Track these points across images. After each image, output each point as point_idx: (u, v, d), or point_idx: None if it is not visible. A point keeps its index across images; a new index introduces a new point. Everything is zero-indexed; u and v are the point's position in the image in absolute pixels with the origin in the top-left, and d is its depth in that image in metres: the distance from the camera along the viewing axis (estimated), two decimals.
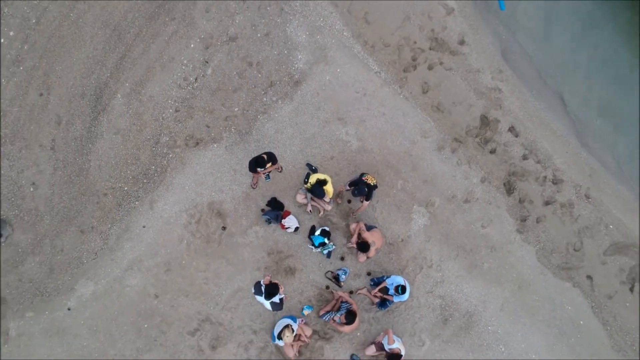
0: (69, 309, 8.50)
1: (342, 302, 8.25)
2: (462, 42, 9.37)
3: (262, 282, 7.88)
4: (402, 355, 7.55)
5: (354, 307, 8.09)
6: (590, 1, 9.58)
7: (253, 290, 8.10)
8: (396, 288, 7.99)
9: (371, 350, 8.03)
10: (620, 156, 9.66)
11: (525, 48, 9.70)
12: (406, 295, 8.09)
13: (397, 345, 7.61)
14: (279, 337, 7.84)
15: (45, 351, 8.42)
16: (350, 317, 7.96)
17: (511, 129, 9.23)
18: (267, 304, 8.02)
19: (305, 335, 8.17)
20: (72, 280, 8.57)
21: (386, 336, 7.81)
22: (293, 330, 7.85)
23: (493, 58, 9.50)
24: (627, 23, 9.71)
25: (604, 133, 9.68)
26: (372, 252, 8.18)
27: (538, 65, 9.72)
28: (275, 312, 8.32)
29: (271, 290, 7.69)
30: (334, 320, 8.08)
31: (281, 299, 8.10)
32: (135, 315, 8.48)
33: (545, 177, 9.18)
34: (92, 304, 8.50)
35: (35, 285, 8.59)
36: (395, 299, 8.14)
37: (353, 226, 8.36)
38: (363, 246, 8.01)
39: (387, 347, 7.68)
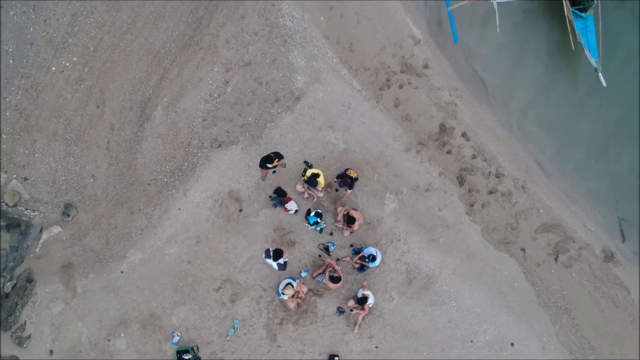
0: (121, 272, 11.09)
1: (331, 266, 10.85)
2: (426, 66, 11.90)
3: (270, 249, 10.47)
4: (368, 298, 10.17)
5: (339, 271, 10.68)
6: (525, 33, 12.13)
7: (264, 255, 10.66)
8: (368, 256, 10.57)
9: (351, 302, 10.62)
10: (551, 156, 12.20)
11: (476, 70, 12.21)
12: (377, 263, 10.69)
13: (368, 293, 10.25)
14: (283, 293, 10.43)
15: (103, 304, 11.01)
16: (336, 278, 10.55)
17: (464, 135, 11.78)
18: (274, 265, 10.61)
19: (302, 292, 10.73)
20: (124, 250, 11.15)
21: (361, 289, 10.45)
22: (293, 287, 10.43)
23: (450, 79, 12.03)
24: (559, 51, 12.24)
25: (538, 138, 12.24)
26: (356, 225, 10.71)
27: (486, 84, 12.23)
28: (280, 272, 10.91)
29: (277, 253, 10.30)
30: (328, 275, 10.59)
31: (285, 262, 10.71)
32: (173, 276, 11.07)
33: (489, 172, 11.74)
34: (140, 268, 11.09)
35: (95, 253, 11.16)
36: (370, 265, 10.74)
37: (339, 209, 10.94)
38: (350, 219, 10.55)
39: (359, 293, 10.31)
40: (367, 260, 10.54)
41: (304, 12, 11.66)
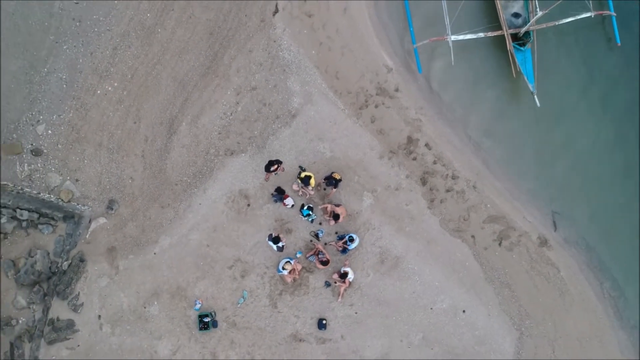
0: (154, 254, 13.95)
1: (319, 250, 13.76)
2: (397, 90, 14.78)
3: (272, 234, 13.38)
4: (348, 273, 13.12)
5: (327, 255, 13.59)
6: (476, 64, 15.05)
7: (267, 238, 13.57)
8: (348, 238, 13.44)
9: (335, 276, 13.53)
10: (497, 162, 15.08)
11: (437, 92, 15.10)
12: (355, 245, 13.60)
13: (348, 269, 13.21)
14: (283, 268, 13.33)
15: (141, 278, 13.89)
16: (325, 262, 13.45)
17: (426, 145, 14.66)
18: (274, 247, 13.53)
19: (298, 269, 13.64)
20: (156, 236, 14.02)
21: (343, 266, 13.42)
22: (291, 264, 13.31)
23: (417, 99, 14.88)
24: (503, 78, 15.11)
25: (487, 147, 15.12)
26: (341, 218, 13.61)
27: (447, 103, 15.12)
28: (279, 254, 13.83)
29: (277, 239, 13.24)
30: (318, 259, 13.52)
31: (283, 246, 13.61)
32: (195, 257, 13.96)
33: (447, 174, 14.62)
34: (169, 250, 13.96)
35: (133, 239, 14.03)
36: (350, 247, 13.67)
37: (326, 206, 13.82)
38: (336, 216, 13.46)
39: (342, 270, 13.27)
40: (347, 242, 13.42)
41: (299, 47, 14.57)
